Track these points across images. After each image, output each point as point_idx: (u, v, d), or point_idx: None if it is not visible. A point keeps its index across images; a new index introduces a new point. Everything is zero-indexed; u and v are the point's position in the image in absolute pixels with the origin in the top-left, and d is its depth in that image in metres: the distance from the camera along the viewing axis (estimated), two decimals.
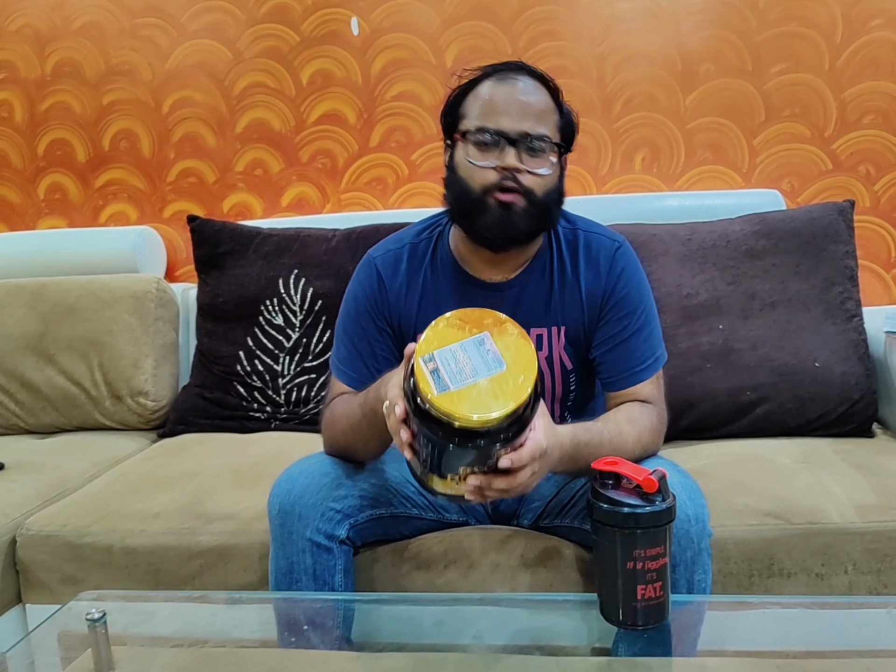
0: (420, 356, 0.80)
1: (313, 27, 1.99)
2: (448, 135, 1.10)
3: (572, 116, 1.10)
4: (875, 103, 1.84)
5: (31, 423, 1.83)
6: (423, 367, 0.79)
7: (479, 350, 0.81)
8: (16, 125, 2.13)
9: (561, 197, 1.10)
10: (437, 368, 0.79)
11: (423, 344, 0.81)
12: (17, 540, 1.32)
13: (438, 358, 0.80)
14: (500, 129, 1.02)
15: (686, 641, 0.94)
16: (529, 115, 1.03)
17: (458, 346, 0.82)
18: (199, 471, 1.46)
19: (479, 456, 0.83)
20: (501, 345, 0.82)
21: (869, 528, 1.15)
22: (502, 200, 1.03)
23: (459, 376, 0.79)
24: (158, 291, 1.86)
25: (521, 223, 1.04)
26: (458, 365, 0.80)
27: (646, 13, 1.88)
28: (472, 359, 0.81)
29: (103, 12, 2.05)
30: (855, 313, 1.55)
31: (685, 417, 1.50)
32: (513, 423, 0.81)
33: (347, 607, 1.04)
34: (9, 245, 2.04)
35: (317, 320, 1.73)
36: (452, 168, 1.08)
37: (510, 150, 1.02)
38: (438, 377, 0.79)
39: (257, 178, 2.07)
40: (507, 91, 1.04)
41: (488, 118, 1.03)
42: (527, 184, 1.03)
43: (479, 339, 0.82)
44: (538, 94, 1.05)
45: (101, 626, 0.90)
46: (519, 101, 1.04)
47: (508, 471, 0.85)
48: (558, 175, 1.09)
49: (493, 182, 1.03)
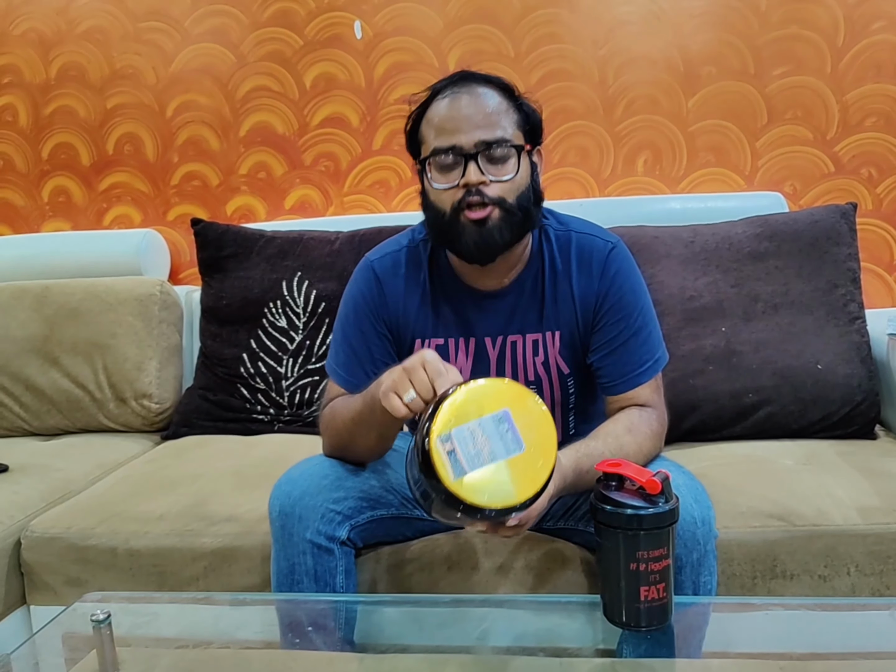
0: (437, 436, 0.78)
1: (316, 31, 2.00)
2: (414, 158, 1.10)
3: (534, 109, 1.08)
4: (877, 106, 1.84)
5: (36, 425, 1.84)
6: (440, 448, 0.77)
7: (499, 429, 0.79)
8: (20, 129, 2.14)
9: (538, 194, 1.08)
10: (453, 450, 0.77)
11: (440, 421, 0.79)
12: (22, 542, 1.33)
13: (456, 438, 0.78)
14: (454, 146, 1.01)
15: (690, 643, 0.94)
16: (481, 124, 1.01)
17: (477, 423, 0.79)
18: (203, 473, 1.46)
19: (490, 522, 0.84)
20: (522, 423, 0.80)
21: (871, 530, 1.15)
22: (474, 218, 1.02)
23: (477, 459, 0.77)
24: (162, 294, 1.86)
25: (499, 235, 1.03)
26: (475, 446, 0.78)
27: (648, 16, 1.88)
28: (490, 439, 0.78)
29: (107, 17, 2.06)
30: (857, 315, 1.55)
31: (687, 420, 1.50)
32: (528, 503, 0.80)
33: (350, 609, 1.04)
34: (13, 248, 2.05)
35: (320, 322, 1.73)
36: (424, 194, 1.08)
37: (470, 165, 1.00)
38: (455, 459, 0.77)
39: (261, 181, 2.08)
40: (454, 106, 1.02)
41: (441, 138, 1.02)
42: (494, 194, 1.02)
43: (498, 417, 0.79)
44: (487, 98, 1.03)
45: (106, 627, 0.90)
46: (466, 112, 1.02)
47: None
48: (529, 173, 1.06)
49: (460, 201, 1.02)
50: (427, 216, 1.09)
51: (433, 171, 1.04)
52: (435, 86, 1.07)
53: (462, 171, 1.01)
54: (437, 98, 1.05)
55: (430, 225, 1.09)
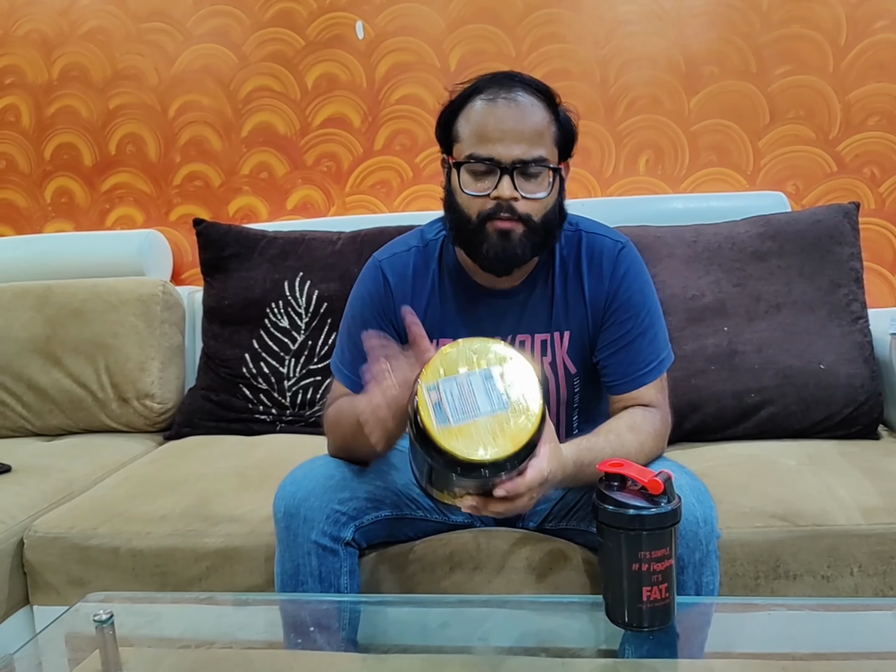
0: (425, 383, 0.79)
1: (318, 31, 2.00)
2: (444, 151, 1.08)
3: (571, 120, 1.07)
4: (880, 105, 1.84)
5: (38, 425, 1.84)
6: (427, 397, 0.78)
7: (486, 385, 0.80)
8: (23, 129, 2.14)
9: (562, 214, 1.08)
10: (440, 400, 0.78)
11: (428, 371, 0.80)
12: (25, 542, 1.33)
13: (443, 388, 0.79)
14: (493, 157, 1.00)
15: (693, 643, 0.94)
16: (523, 139, 1.00)
17: (465, 377, 0.80)
18: (205, 473, 1.46)
19: (476, 484, 0.83)
20: (508, 381, 0.80)
21: (874, 531, 1.15)
22: (500, 228, 1.02)
23: (462, 411, 0.78)
24: (164, 294, 1.86)
25: (520, 250, 1.03)
26: (461, 398, 0.79)
27: (649, 16, 1.88)
28: (476, 393, 0.79)
29: (110, 17, 2.06)
30: (860, 315, 1.55)
31: (690, 420, 1.50)
32: (512, 460, 0.80)
33: (353, 609, 1.05)
34: (16, 248, 2.05)
35: (322, 323, 1.74)
36: (450, 191, 1.07)
37: (504, 179, 1.00)
38: (440, 409, 0.78)
39: (262, 181, 2.08)
40: (499, 114, 1.01)
41: (480, 145, 1.01)
42: (523, 210, 1.02)
43: (486, 373, 0.81)
44: (532, 111, 1.02)
45: (109, 627, 0.90)
46: (511, 124, 1.00)
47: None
48: (557, 192, 1.06)
49: (489, 211, 1.02)
50: (450, 216, 1.08)
51: (465, 174, 1.03)
52: (478, 82, 1.04)
53: (496, 183, 1.00)
54: (479, 96, 1.03)
55: (452, 226, 1.08)
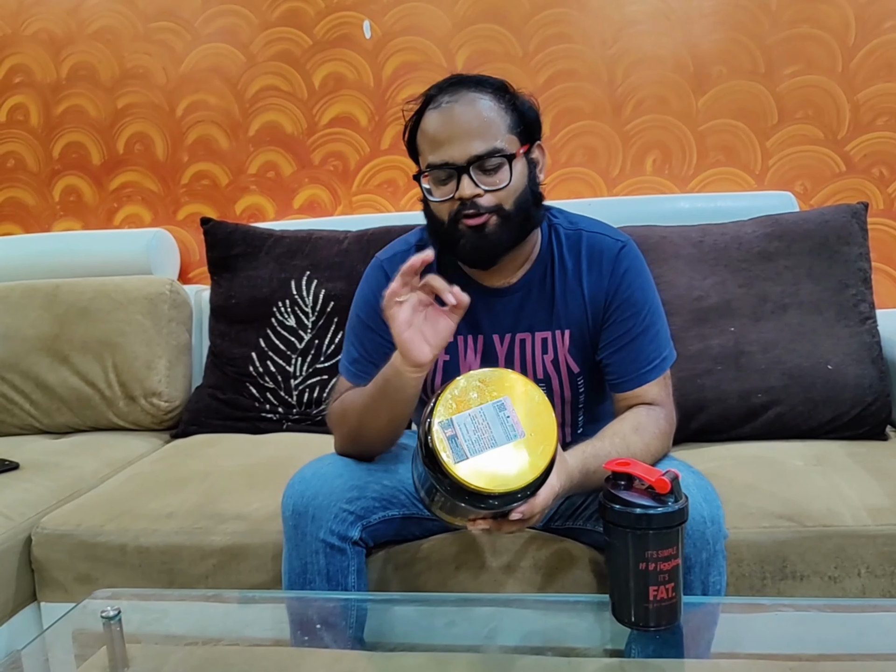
0: (438, 420, 0.79)
1: (326, 30, 2.00)
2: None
3: (529, 103, 1.08)
4: (888, 105, 1.83)
5: (46, 423, 1.85)
6: (442, 434, 0.79)
7: (499, 416, 0.80)
8: (31, 128, 2.15)
9: (537, 195, 1.08)
10: (454, 435, 0.78)
11: (441, 408, 0.80)
12: (33, 539, 1.34)
13: (457, 424, 0.79)
14: (446, 161, 1.02)
15: (699, 643, 0.94)
16: (473, 135, 1.01)
17: (478, 410, 0.80)
18: (212, 471, 1.46)
19: (492, 512, 0.84)
20: (522, 410, 0.81)
21: (882, 531, 1.15)
22: (471, 225, 1.03)
23: (478, 444, 0.78)
24: (172, 293, 1.87)
25: (497, 240, 1.04)
26: (476, 432, 0.79)
27: (657, 15, 1.88)
28: (491, 426, 0.80)
29: (118, 16, 2.07)
30: (868, 315, 1.54)
31: (696, 420, 1.50)
32: (532, 485, 0.80)
33: (360, 607, 1.05)
34: (24, 247, 2.06)
35: (329, 322, 1.74)
36: (425, 202, 1.10)
37: (463, 179, 1.01)
38: (456, 444, 0.78)
39: (270, 180, 2.08)
40: (444, 119, 1.03)
41: (434, 153, 1.03)
42: (490, 203, 1.03)
43: (499, 404, 0.81)
44: (477, 106, 1.03)
45: (116, 623, 0.90)
46: (457, 124, 1.02)
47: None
48: (525, 175, 1.06)
49: (456, 211, 1.04)
50: (428, 224, 1.12)
51: (430, 183, 1.06)
52: (427, 93, 1.07)
53: (456, 185, 1.02)
54: (429, 107, 1.05)
55: (431, 232, 1.12)
